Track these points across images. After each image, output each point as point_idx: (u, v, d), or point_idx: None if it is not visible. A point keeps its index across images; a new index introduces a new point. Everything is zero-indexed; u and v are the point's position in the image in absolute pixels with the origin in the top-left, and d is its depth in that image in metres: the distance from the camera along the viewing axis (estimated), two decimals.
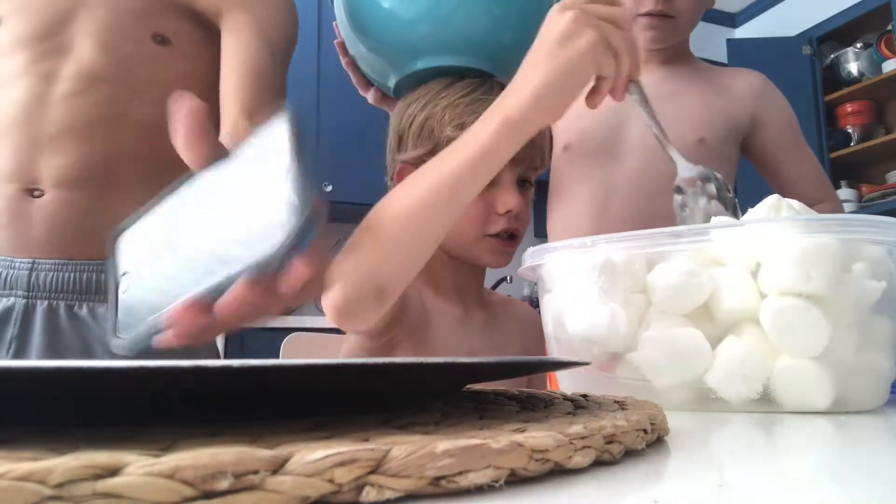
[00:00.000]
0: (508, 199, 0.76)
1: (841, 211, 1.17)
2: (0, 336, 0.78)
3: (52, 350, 0.77)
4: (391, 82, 0.86)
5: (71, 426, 0.24)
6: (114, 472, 0.15)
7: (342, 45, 0.92)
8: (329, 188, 2.58)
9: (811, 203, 1.13)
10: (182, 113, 0.40)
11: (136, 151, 0.80)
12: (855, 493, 0.24)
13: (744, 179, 1.30)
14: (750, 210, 0.55)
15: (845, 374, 0.48)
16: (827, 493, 0.25)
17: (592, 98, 0.59)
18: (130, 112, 0.79)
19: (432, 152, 0.77)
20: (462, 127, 0.73)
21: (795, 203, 0.54)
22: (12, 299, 0.77)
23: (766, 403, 0.48)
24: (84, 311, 0.79)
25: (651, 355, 0.51)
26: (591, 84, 0.58)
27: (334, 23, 0.90)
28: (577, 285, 0.57)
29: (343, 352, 0.84)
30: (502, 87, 0.79)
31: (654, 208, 1.03)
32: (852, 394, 0.49)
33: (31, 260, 0.77)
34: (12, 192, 0.76)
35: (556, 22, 0.55)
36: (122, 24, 0.79)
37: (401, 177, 0.81)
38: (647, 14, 1.07)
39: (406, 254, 0.60)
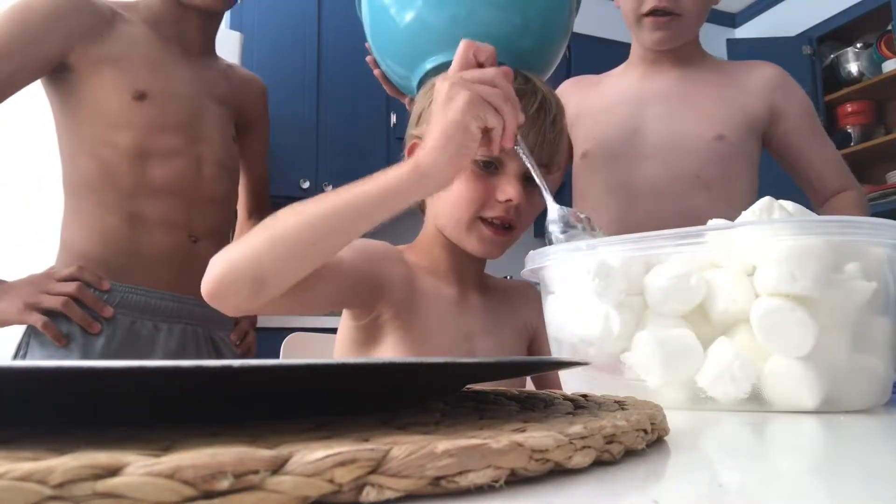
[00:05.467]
0: (509, 189, 0.76)
1: (863, 198, 1.13)
2: (184, 349, 1.08)
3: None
4: (415, 83, 0.87)
5: (71, 426, 0.24)
6: (114, 472, 0.15)
7: (373, 60, 0.93)
8: (329, 188, 2.58)
9: (835, 191, 1.10)
10: None
11: (233, 216, 1.24)
12: (851, 493, 0.24)
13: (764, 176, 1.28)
14: (744, 213, 0.55)
15: (836, 375, 0.48)
16: (824, 493, 0.25)
17: (488, 146, 0.66)
18: (230, 194, 1.17)
19: None
20: None
21: (789, 204, 0.54)
22: (183, 324, 1.08)
23: (756, 403, 0.49)
24: (217, 336, 1.14)
25: (643, 356, 0.51)
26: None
27: (367, 44, 0.92)
28: (574, 288, 0.57)
29: (338, 335, 0.86)
30: (525, 77, 0.78)
31: (679, 208, 1.03)
32: (845, 394, 0.49)
33: (193, 298, 1.06)
34: (181, 238, 1.06)
35: (438, 90, 0.64)
36: (224, 127, 1.15)
37: (411, 152, 0.82)
38: (652, 13, 1.05)
39: (292, 257, 0.63)
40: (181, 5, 1.08)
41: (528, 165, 0.71)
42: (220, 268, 0.63)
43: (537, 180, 0.72)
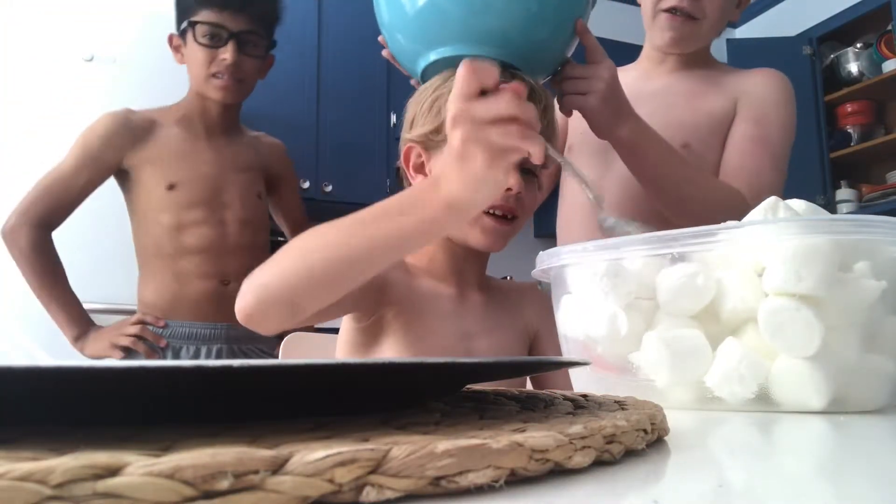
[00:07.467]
0: (510, 179, 0.74)
1: (746, 206, 1.05)
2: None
3: None
4: (419, 70, 0.86)
5: (71, 426, 0.24)
6: (114, 472, 0.15)
7: (384, 39, 0.93)
8: (329, 188, 2.58)
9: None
10: None
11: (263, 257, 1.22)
12: (852, 493, 0.24)
13: None
14: (751, 212, 0.55)
15: (844, 375, 0.47)
16: (825, 493, 0.25)
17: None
18: (256, 239, 1.44)
19: (437, 130, 0.78)
20: None
21: (797, 203, 0.54)
22: (220, 344, 1.40)
23: (764, 403, 0.48)
24: (245, 349, 1.43)
25: (652, 355, 0.51)
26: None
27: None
28: (583, 288, 0.57)
29: (339, 337, 0.86)
30: (513, 76, 0.78)
31: (643, 209, 1.02)
32: (855, 394, 0.48)
33: (227, 324, 1.39)
34: (214, 284, 1.38)
35: (452, 139, 0.57)
36: (247, 189, 1.43)
37: (407, 156, 0.82)
38: (670, 11, 1.02)
39: (328, 285, 0.63)
40: (202, 97, 1.36)
41: (574, 172, 0.70)
42: (253, 295, 0.64)
43: (587, 189, 0.71)
